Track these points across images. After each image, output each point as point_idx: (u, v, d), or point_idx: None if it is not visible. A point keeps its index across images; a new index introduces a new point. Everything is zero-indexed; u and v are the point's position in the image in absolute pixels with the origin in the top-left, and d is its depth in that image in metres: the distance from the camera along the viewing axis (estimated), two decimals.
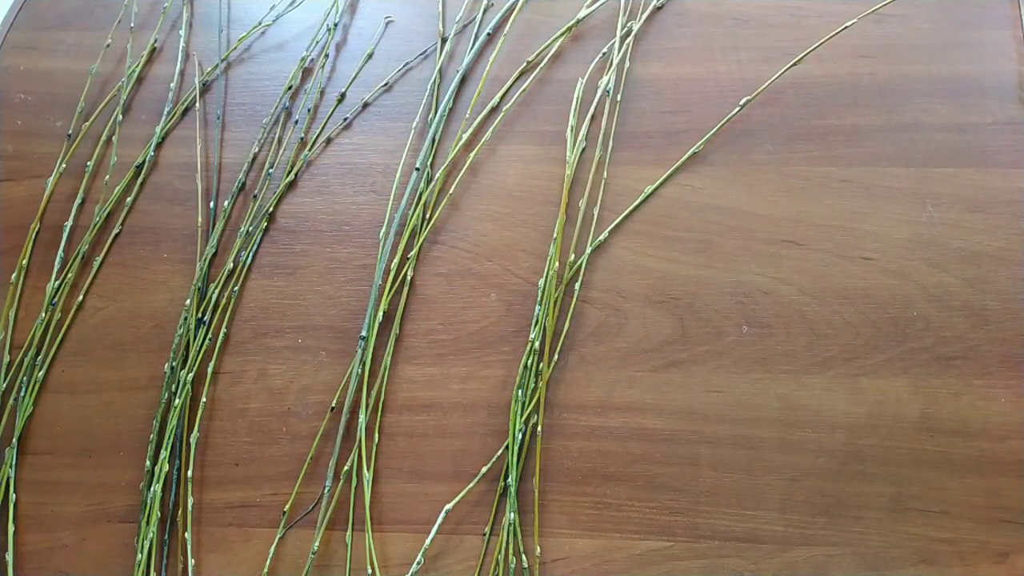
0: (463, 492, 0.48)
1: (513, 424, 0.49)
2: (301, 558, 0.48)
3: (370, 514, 0.48)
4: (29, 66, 0.62)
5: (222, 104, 0.60)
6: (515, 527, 0.47)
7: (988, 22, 0.58)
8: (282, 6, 0.63)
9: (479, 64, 0.60)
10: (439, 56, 0.60)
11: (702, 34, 0.59)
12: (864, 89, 0.56)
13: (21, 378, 0.53)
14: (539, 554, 0.47)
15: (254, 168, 0.58)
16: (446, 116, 0.58)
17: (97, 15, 0.64)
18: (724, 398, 0.49)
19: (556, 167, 0.56)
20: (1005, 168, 0.53)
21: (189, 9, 0.64)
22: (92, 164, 0.58)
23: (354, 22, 0.63)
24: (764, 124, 0.56)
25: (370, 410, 0.50)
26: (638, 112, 0.57)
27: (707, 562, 0.46)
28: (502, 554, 0.47)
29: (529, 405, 0.49)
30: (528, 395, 0.50)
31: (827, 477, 0.47)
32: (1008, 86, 0.56)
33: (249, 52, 0.62)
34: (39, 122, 0.60)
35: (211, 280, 0.54)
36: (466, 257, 0.54)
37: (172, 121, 0.60)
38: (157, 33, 0.63)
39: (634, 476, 0.48)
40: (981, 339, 0.49)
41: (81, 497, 0.51)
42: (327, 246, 0.55)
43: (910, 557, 0.46)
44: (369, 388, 0.51)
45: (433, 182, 0.56)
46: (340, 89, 0.60)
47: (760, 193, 0.54)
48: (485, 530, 0.48)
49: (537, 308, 0.51)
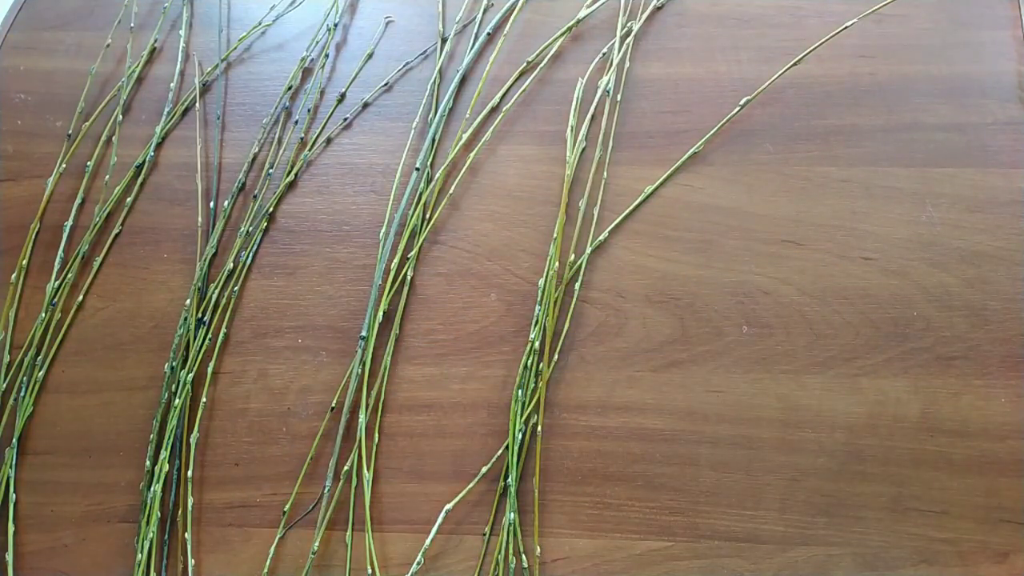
0: (463, 492, 0.48)
1: (513, 424, 0.49)
2: (301, 558, 0.48)
3: (370, 514, 0.48)
4: (29, 66, 0.62)
5: (222, 104, 0.60)
6: (515, 527, 0.47)
7: (988, 22, 0.58)
8: (282, 6, 0.63)
9: (479, 64, 0.60)
10: (439, 56, 0.60)
11: (702, 34, 0.59)
12: (864, 89, 0.56)
13: (21, 378, 0.53)
14: (539, 554, 0.47)
15: (254, 168, 0.58)
16: (446, 116, 0.58)
17: (97, 15, 0.64)
18: (724, 398, 0.49)
19: (556, 167, 0.56)
20: (1005, 168, 0.53)
21: (189, 9, 0.64)
22: (92, 164, 0.58)
23: (354, 22, 0.63)
24: (764, 124, 0.56)
25: (370, 410, 0.50)
26: (638, 112, 0.57)
27: (707, 562, 0.46)
28: (502, 554, 0.47)
29: (529, 405, 0.49)
30: (528, 395, 0.50)
31: (827, 477, 0.47)
32: (1008, 86, 0.56)
33: (249, 52, 0.62)
34: (39, 122, 0.60)
35: (211, 280, 0.54)
36: (466, 257, 0.54)
37: (172, 121, 0.60)
38: (157, 33, 0.63)
39: (634, 476, 0.48)
40: (981, 339, 0.49)
41: (81, 497, 0.51)
42: (327, 246, 0.55)
43: (910, 557, 0.46)
44: (369, 388, 0.51)
45: (433, 182, 0.56)
46: (340, 89, 0.60)
47: (760, 193, 0.54)
48: (485, 530, 0.48)
49: (537, 308, 0.51)
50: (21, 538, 0.50)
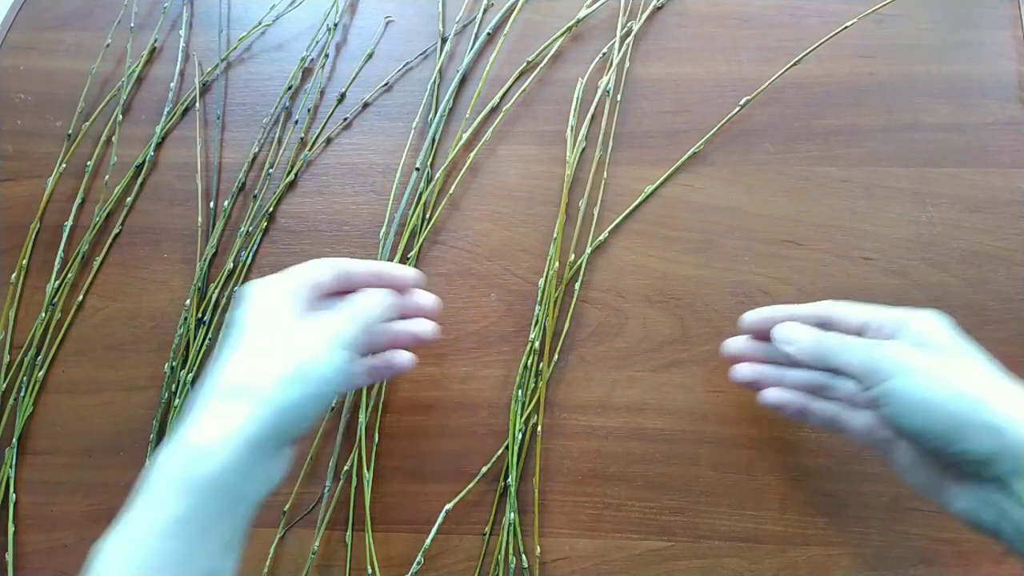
0: (463, 492, 0.48)
1: (513, 424, 0.49)
2: (301, 558, 0.48)
3: (370, 514, 0.48)
4: (29, 66, 0.62)
5: (222, 104, 0.60)
6: (515, 527, 0.47)
7: (988, 22, 0.58)
8: (282, 6, 0.63)
9: (479, 64, 0.60)
10: (439, 56, 0.60)
11: (702, 34, 0.59)
12: (864, 89, 0.56)
13: (21, 378, 0.53)
14: (539, 554, 0.47)
15: (254, 168, 0.58)
16: (446, 116, 0.58)
17: (97, 15, 0.64)
18: (724, 398, 0.49)
19: (556, 167, 0.55)
20: (1005, 168, 0.53)
21: (189, 9, 0.64)
22: (92, 164, 0.58)
23: (354, 22, 0.63)
24: (764, 124, 0.56)
25: (370, 410, 0.50)
26: (638, 112, 0.57)
27: (707, 562, 0.46)
28: (502, 554, 0.47)
29: (529, 405, 0.49)
30: (528, 395, 0.50)
31: (827, 477, 0.47)
32: (1008, 86, 0.56)
33: (249, 52, 0.62)
34: (39, 122, 0.60)
35: (211, 280, 0.54)
36: (466, 257, 0.54)
37: (172, 121, 0.60)
38: (157, 33, 0.63)
39: (634, 476, 0.48)
40: (981, 339, 0.49)
41: (81, 497, 0.51)
42: (327, 246, 0.55)
43: (910, 557, 0.46)
44: (369, 388, 0.51)
45: (433, 182, 0.55)
46: (340, 89, 0.60)
47: (760, 193, 0.54)
48: (485, 530, 0.48)
49: (537, 308, 0.51)
50: (21, 538, 0.50)
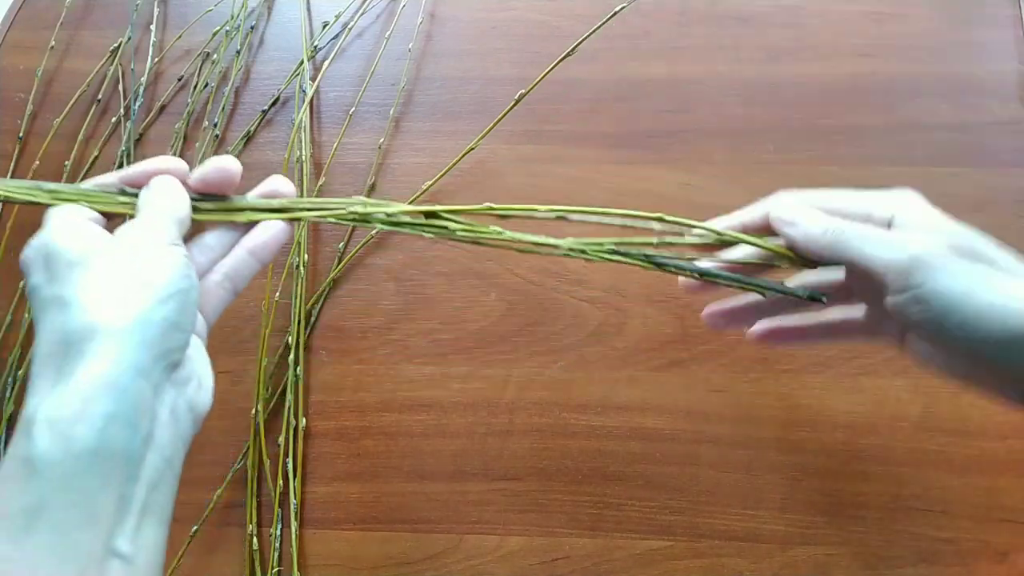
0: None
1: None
2: (301, 557, 0.48)
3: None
4: (29, 66, 0.62)
5: (222, 104, 0.60)
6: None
7: (988, 22, 0.58)
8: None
9: (479, 64, 0.60)
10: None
11: (702, 34, 0.59)
12: (864, 89, 0.56)
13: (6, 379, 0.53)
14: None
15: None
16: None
17: (97, 15, 0.64)
18: (724, 398, 0.49)
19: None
20: (1005, 168, 0.53)
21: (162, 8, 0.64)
22: (92, 164, 0.58)
23: (354, 22, 0.63)
24: (764, 124, 0.56)
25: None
26: (638, 112, 0.57)
27: (707, 562, 0.46)
28: (502, 553, 0.47)
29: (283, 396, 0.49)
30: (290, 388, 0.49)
31: (827, 477, 0.47)
32: (1009, 85, 0.55)
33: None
34: (39, 122, 0.60)
35: None
36: (466, 257, 0.54)
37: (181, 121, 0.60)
38: (157, 33, 0.63)
39: (634, 476, 0.48)
40: None
41: None
42: (327, 245, 0.55)
43: (910, 557, 0.46)
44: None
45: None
46: (341, 89, 0.60)
47: (760, 193, 0.53)
48: (484, 529, 0.48)
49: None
50: None
